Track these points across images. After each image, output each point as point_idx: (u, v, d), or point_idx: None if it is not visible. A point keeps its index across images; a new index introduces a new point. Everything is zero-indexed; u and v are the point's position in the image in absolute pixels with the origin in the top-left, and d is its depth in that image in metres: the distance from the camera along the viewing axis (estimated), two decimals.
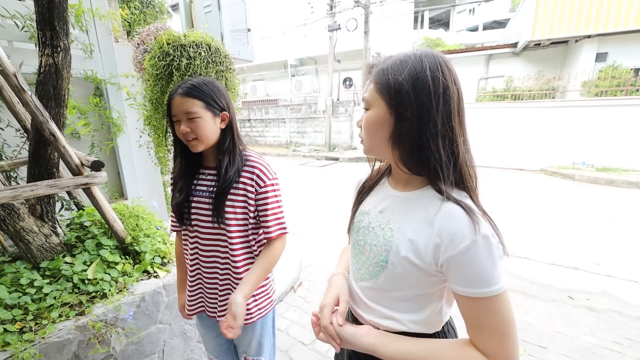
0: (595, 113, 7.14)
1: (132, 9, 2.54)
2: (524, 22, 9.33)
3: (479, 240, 0.53)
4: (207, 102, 0.92)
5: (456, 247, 0.54)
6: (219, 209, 0.97)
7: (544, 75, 8.87)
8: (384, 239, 0.66)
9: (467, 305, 0.56)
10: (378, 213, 0.71)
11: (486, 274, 0.53)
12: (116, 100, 2.03)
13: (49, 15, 1.25)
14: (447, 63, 0.58)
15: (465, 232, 0.53)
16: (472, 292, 0.54)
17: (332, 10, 10.41)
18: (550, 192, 5.89)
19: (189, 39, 1.24)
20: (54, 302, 1.28)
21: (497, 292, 0.53)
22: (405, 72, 0.56)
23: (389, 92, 0.58)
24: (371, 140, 0.65)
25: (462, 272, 0.54)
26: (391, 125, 0.60)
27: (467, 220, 0.54)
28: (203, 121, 0.92)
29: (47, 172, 1.42)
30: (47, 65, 1.30)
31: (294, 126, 12.84)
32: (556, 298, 2.57)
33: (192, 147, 0.96)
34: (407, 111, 0.57)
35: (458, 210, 0.56)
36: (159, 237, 1.77)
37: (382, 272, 0.66)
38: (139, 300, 1.47)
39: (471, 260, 0.53)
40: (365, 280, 0.71)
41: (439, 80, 0.56)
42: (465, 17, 19.78)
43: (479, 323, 0.56)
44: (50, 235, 1.44)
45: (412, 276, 0.62)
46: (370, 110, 0.63)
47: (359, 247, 0.73)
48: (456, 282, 0.56)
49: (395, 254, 0.63)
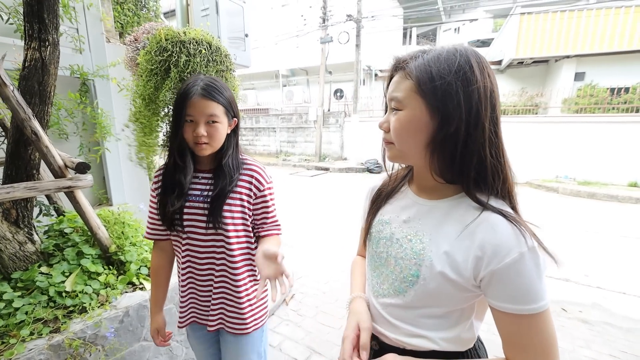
0: (575, 129, 7.48)
1: (125, 10, 2.48)
2: (508, 41, 9.79)
3: (526, 253, 0.49)
4: (227, 108, 0.92)
5: (502, 261, 0.49)
6: (215, 213, 0.93)
7: (527, 92, 9.26)
8: (412, 251, 0.60)
9: (509, 323, 0.51)
10: (402, 223, 0.64)
11: (533, 290, 0.49)
12: (105, 100, 1.94)
13: (38, 8, 1.18)
14: (488, 63, 0.53)
15: (512, 244, 0.49)
16: (517, 309, 0.50)
17: (325, 23, 10.62)
18: (536, 204, 6.04)
19: (189, 35, 1.20)
20: (25, 318, 1.16)
21: (542, 308, 0.49)
22: (453, 69, 0.50)
23: (433, 92, 0.50)
24: (404, 145, 0.57)
25: (507, 288, 0.50)
26: (432, 129, 0.53)
27: (513, 231, 0.50)
28: (222, 126, 0.91)
29: (25, 174, 1.31)
30: (33, 60, 1.22)
31: (284, 135, 12.82)
32: (550, 310, 2.57)
33: (200, 151, 0.91)
34: (454, 115, 0.50)
35: (501, 220, 0.51)
36: (146, 245, 1.66)
37: (411, 288, 0.60)
38: (123, 315, 1.35)
39: (518, 275, 0.49)
40: (390, 297, 0.64)
41: (486, 80, 0.51)
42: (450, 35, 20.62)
43: (520, 342, 0.51)
44: (26, 242, 1.32)
45: (445, 292, 0.56)
46: (403, 112, 0.55)
47: (381, 260, 0.67)
48: (499, 298, 0.51)
49: (428, 269, 0.57)
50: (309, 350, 2.06)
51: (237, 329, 1.02)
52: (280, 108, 13.94)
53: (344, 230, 4.49)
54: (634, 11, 7.88)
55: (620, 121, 7.10)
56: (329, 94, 12.83)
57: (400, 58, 0.57)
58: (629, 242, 4.06)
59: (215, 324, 1.05)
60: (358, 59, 10.55)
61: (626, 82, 7.96)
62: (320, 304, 2.62)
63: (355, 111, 10.67)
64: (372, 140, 9.53)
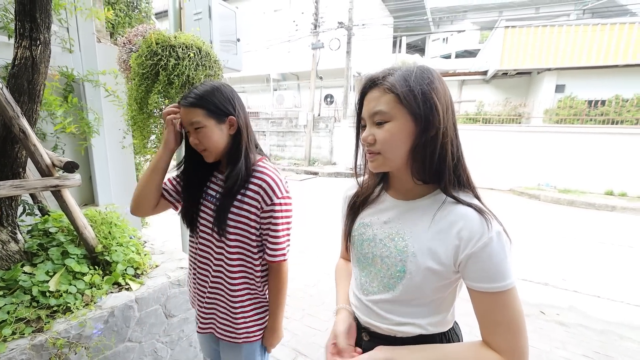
0: (556, 138, 7.79)
1: (117, 11, 2.48)
2: (493, 52, 10.16)
3: (494, 237, 0.56)
4: (209, 109, 0.88)
5: (475, 245, 0.57)
6: (219, 218, 0.92)
7: (511, 102, 9.60)
8: (396, 249, 0.65)
9: (483, 302, 0.58)
10: (383, 224, 0.70)
11: (502, 268, 0.56)
12: (94, 100, 1.93)
13: (30, 7, 1.18)
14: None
15: (482, 231, 0.57)
16: (489, 287, 0.57)
17: (316, 29, 10.76)
18: (518, 211, 6.24)
19: (179, 40, 1.22)
20: (7, 318, 1.13)
21: (510, 285, 0.56)
22: (426, 82, 0.57)
23: (415, 102, 0.57)
24: (391, 153, 0.61)
25: (480, 268, 0.57)
26: (414, 136, 0.59)
27: (481, 219, 0.58)
28: (207, 130, 0.88)
29: (11, 172, 1.30)
30: (23, 58, 1.22)
31: (274, 139, 12.81)
32: (529, 313, 2.66)
33: (205, 157, 0.93)
34: (434, 120, 0.57)
35: (471, 211, 0.59)
36: (132, 246, 1.65)
37: (399, 283, 0.65)
38: (108, 315, 1.34)
39: (489, 256, 0.56)
40: (379, 294, 0.70)
41: (447, 90, 0.60)
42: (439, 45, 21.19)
43: (494, 319, 0.58)
44: (9, 241, 1.30)
45: (431, 283, 0.63)
46: (391, 123, 0.59)
47: (367, 260, 0.72)
48: (474, 279, 0.58)
49: (413, 263, 0.63)
50: (294, 352, 2.07)
51: (227, 337, 1.02)
52: (271, 112, 13.95)
53: (332, 234, 4.53)
54: (609, 29, 8.35)
55: (597, 132, 7.45)
56: (320, 99, 12.94)
57: (374, 76, 0.62)
58: (605, 248, 4.26)
59: (205, 327, 1.07)
60: (348, 65, 10.72)
61: (603, 95, 8.38)
62: (306, 306, 2.64)
63: (345, 117, 10.81)
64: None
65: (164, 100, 1.31)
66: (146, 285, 1.53)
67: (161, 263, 1.75)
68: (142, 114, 1.32)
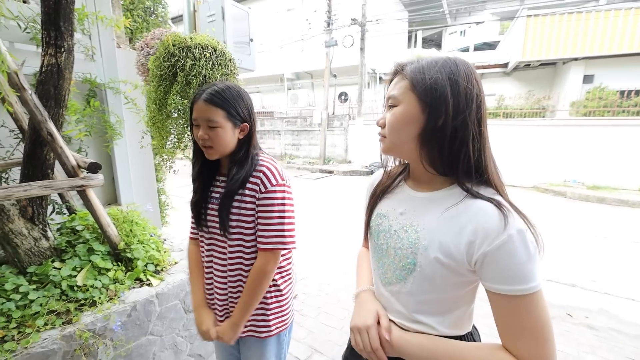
0: (584, 132, 7.38)
1: (135, 17, 2.57)
2: (514, 44, 9.74)
3: (514, 234, 0.52)
4: (229, 112, 0.90)
5: (492, 243, 0.53)
6: (222, 218, 0.94)
7: (534, 95, 9.18)
8: (409, 241, 0.64)
9: (502, 305, 0.54)
10: (398, 215, 0.69)
11: (523, 270, 0.51)
12: (115, 104, 2.01)
13: (54, 16, 1.25)
14: (476, 72, 0.60)
15: (501, 228, 0.52)
16: (508, 290, 0.52)
17: (330, 27, 10.71)
18: (543, 208, 5.97)
19: (195, 41, 1.25)
20: (40, 310, 1.21)
21: (534, 289, 0.51)
22: (443, 72, 0.57)
23: (424, 89, 0.57)
24: (396, 137, 0.62)
25: (498, 269, 0.53)
26: (422, 122, 0.59)
27: (500, 215, 0.54)
28: (223, 131, 0.90)
29: (41, 173, 1.38)
30: (50, 65, 1.29)
31: (289, 138, 12.90)
32: (555, 315, 2.54)
33: (206, 153, 0.94)
34: (441, 110, 0.56)
35: (489, 206, 0.56)
36: (153, 244, 1.71)
37: (410, 275, 0.64)
38: (130, 310, 1.40)
39: (508, 256, 0.52)
40: (393, 285, 0.69)
41: (473, 84, 0.58)
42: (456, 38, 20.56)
43: (514, 324, 0.53)
44: (40, 238, 1.38)
45: (441, 277, 0.60)
46: (398, 107, 0.61)
47: (382, 251, 0.72)
48: (491, 280, 0.54)
49: (423, 256, 0.61)
50: (310, 349, 2.08)
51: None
52: (285, 111, 14.05)
53: (347, 232, 4.51)
54: None
55: (631, 124, 6.98)
56: (334, 97, 12.89)
57: (400, 63, 0.64)
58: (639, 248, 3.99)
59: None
60: (362, 62, 10.60)
61: (636, 84, 7.85)
62: (322, 304, 2.65)
63: (360, 114, 10.71)
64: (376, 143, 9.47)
65: (182, 100, 1.34)
66: (166, 281, 1.58)
67: (180, 260, 1.81)
68: (161, 114, 1.36)
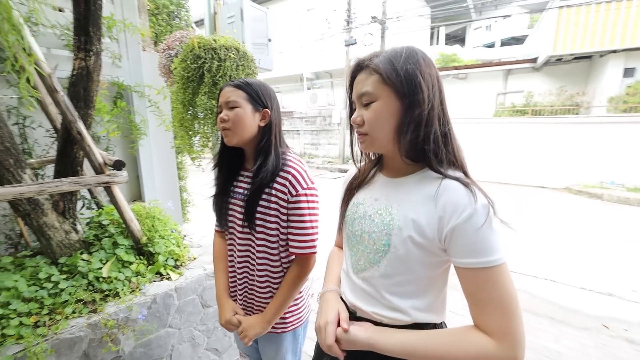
0: (624, 130, 6.85)
1: (159, 21, 2.68)
2: (545, 37, 9.22)
3: (479, 208, 0.55)
4: (250, 95, 0.92)
5: (459, 217, 0.56)
6: (250, 213, 0.94)
7: (566, 91, 8.65)
8: (382, 223, 0.66)
9: (469, 280, 0.57)
10: (373, 201, 0.71)
11: (488, 243, 0.55)
12: (140, 105, 2.10)
13: (84, 22, 1.32)
14: (431, 58, 0.63)
15: (467, 202, 0.56)
16: (475, 262, 0.55)
17: (349, 25, 10.64)
18: (576, 211, 5.61)
19: (219, 42, 1.28)
20: (69, 298, 1.29)
21: (498, 262, 0.54)
22: (410, 62, 0.59)
23: (399, 81, 0.58)
24: (377, 132, 0.64)
25: (465, 242, 0.56)
26: (400, 114, 0.60)
27: (467, 192, 0.57)
28: (242, 111, 0.91)
29: (71, 170, 1.46)
30: (80, 68, 1.36)
31: (308, 138, 12.96)
32: (589, 326, 2.37)
33: (225, 139, 0.95)
34: (418, 97, 0.58)
35: (458, 185, 0.59)
36: (173, 239, 1.78)
37: (384, 257, 0.66)
38: (151, 302, 1.45)
39: (473, 229, 0.55)
40: (366, 270, 0.70)
41: (432, 69, 0.61)
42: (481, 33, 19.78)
43: (481, 297, 0.56)
44: (70, 232, 1.47)
45: (415, 257, 0.62)
46: (376, 102, 0.62)
47: (356, 238, 0.73)
48: (459, 254, 0.57)
49: (397, 236, 0.63)
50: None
51: None
52: (305, 111, 14.13)
53: None
54: None
55: None
56: None
57: (362, 59, 0.65)
58: None
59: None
60: None
61: None
62: None
63: None
64: None
65: (209, 101, 1.38)
66: (185, 276, 1.64)
67: (198, 256, 1.86)
68: (188, 115, 1.41)
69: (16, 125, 1.62)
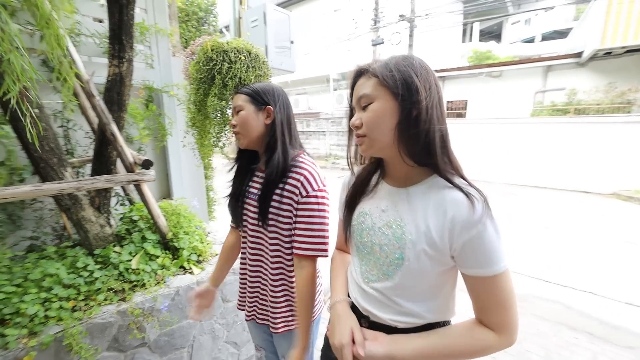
0: None
1: (189, 27, 2.82)
2: (591, 29, 8.47)
3: (487, 223, 0.58)
4: (251, 96, 0.97)
5: (469, 233, 0.58)
6: (262, 212, 0.97)
7: (616, 87, 7.88)
8: (394, 237, 0.67)
9: (478, 286, 0.61)
10: (381, 212, 0.70)
11: (496, 253, 0.59)
12: (169, 107, 2.23)
13: (118, 32, 1.43)
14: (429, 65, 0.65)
15: (476, 219, 0.58)
16: (484, 272, 0.59)
17: (376, 24, 10.50)
18: (625, 219, 5.09)
19: (231, 45, 1.33)
20: (102, 287, 1.40)
21: (504, 269, 0.59)
22: (407, 66, 0.61)
23: (395, 81, 0.60)
24: (376, 132, 0.64)
25: (476, 255, 0.59)
26: (397, 115, 0.61)
27: (474, 206, 0.58)
28: (245, 113, 0.96)
29: (106, 169, 1.59)
30: (114, 74, 1.48)
31: (334, 139, 12.96)
32: (635, 345, 2.15)
33: (238, 142, 1.01)
34: (414, 98, 0.59)
35: (463, 198, 0.60)
36: (197, 236, 1.86)
37: (398, 270, 0.67)
38: (174, 294, 1.54)
39: (484, 243, 0.58)
40: (380, 282, 0.70)
41: (430, 73, 0.62)
42: (520, 28, 18.61)
43: (486, 298, 0.61)
44: (105, 225, 1.59)
45: (427, 268, 0.64)
46: (374, 103, 0.63)
47: (366, 249, 0.73)
48: (469, 266, 0.61)
49: (410, 250, 0.64)
50: None
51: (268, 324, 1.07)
52: (331, 112, 14.15)
53: None
54: None
55: None
56: None
57: (362, 65, 0.68)
58: None
59: (250, 314, 1.14)
60: None
61: None
62: None
63: None
64: None
65: (219, 102, 1.43)
66: (206, 270, 1.71)
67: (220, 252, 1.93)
68: (200, 115, 1.48)
69: (61, 127, 1.78)
